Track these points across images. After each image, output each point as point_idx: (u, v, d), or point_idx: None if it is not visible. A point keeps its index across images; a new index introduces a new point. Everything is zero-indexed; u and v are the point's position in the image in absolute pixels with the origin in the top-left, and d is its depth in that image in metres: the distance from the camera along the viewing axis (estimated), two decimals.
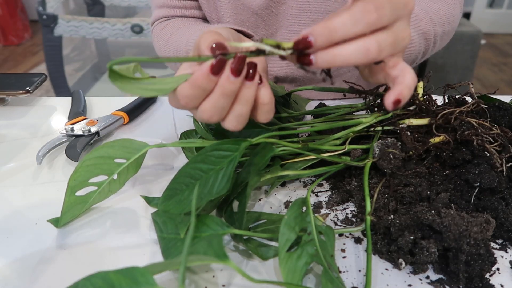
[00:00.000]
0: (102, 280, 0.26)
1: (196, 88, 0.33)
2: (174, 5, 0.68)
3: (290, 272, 0.34)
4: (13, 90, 0.66)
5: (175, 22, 0.67)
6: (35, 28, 3.45)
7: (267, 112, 0.38)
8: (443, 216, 0.37)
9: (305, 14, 0.65)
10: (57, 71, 2.10)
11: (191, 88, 0.33)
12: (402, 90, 0.33)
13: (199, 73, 0.33)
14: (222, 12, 0.65)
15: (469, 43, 2.10)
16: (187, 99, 0.34)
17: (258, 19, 0.65)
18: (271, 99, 0.37)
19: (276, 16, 0.66)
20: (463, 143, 0.45)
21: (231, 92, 0.34)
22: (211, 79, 0.33)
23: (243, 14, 0.65)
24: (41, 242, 0.41)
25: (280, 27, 0.67)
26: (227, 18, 0.65)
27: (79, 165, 0.41)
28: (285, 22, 0.66)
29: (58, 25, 1.99)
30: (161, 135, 0.60)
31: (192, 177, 0.40)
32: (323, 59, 0.31)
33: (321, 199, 0.46)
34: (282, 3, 0.65)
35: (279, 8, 0.65)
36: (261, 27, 0.67)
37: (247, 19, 0.65)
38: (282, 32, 0.68)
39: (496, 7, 3.53)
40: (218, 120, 0.36)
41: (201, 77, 0.33)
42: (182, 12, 0.69)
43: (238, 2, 0.64)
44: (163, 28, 0.67)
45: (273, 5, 0.64)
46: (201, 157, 0.40)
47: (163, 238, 0.40)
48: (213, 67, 0.33)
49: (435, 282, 0.36)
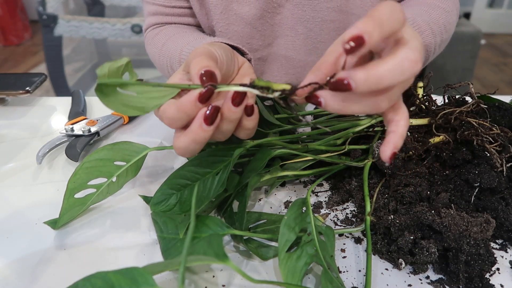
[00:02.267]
0: (102, 280, 0.26)
1: (182, 113, 0.33)
2: (167, 13, 0.67)
3: (290, 273, 0.34)
4: (13, 90, 0.66)
5: (168, 29, 0.65)
6: (35, 28, 3.45)
7: (248, 135, 0.39)
8: (443, 216, 0.37)
9: (302, 23, 0.64)
10: (57, 71, 2.10)
11: (176, 112, 0.33)
12: (397, 141, 0.32)
13: (186, 100, 0.33)
14: (214, 22, 0.63)
15: (469, 43, 2.10)
16: (171, 120, 0.34)
17: (252, 30, 0.64)
18: (254, 126, 0.38)
19: (272, 26, 0.65)
20: (463, 143, 0.45)
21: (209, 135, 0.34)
22: (198, 106, 0.33)
23: (236, 25, 0.63)
24: (41, 242, 0.41)
25: (276, 37, 0.66)
26: (219, 28, 0.63)
27: (79, 167, 0.41)
28: (282, 32, 0.65)
29: (58, 25, 1.99)
30: (161, 135, 0.60)
31: (188, 179, 0.40)
32: (333, 107, 0.30)
33: (321, 199, 0.46)
34: (277, 13, 0.63)
35: (274, 18, 0.64)
36: (256, 38, 0.65)
37: (241, 29, 0.64)
38: (279, 42, 0.66)
39: (496, 7, 3.53)
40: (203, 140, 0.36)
41: (189, 104, 0.33)
42: (175, 19, 0.68)
43: (230, 12, 0.62)
44: (156, 34, 0.65)
45: (267, 15, 0.63)
46: (197, 161, 0.40)
47: (163, 238, 0.40)
48: (201, 96, 0.33)
49: (435, 282, 0.36)
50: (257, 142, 0.42)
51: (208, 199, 0.39)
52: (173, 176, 0.41)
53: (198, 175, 0.40)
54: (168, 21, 0.67)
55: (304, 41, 0.66)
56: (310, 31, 0.65)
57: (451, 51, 2.10)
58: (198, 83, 0.33)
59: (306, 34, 0.65)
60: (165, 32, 0.64)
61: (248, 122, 0.37)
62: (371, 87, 0.28)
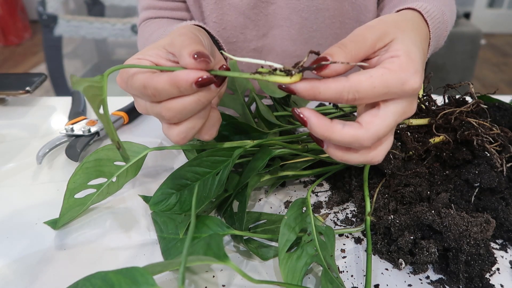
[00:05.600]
0: (102, 280, 0.26)
1: (174, 88, 0.32)
2: (160, 7, 0.66)
3: (290, 273, 0.34)
4: (13, 90, 0.66)
5: (160, 22, 0.65)
6: (35, 28, 3.45)
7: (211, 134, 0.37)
8: (443, 216, 0.37)
9: (297, 13, 0.64)
10: (57, 71, 2.10)
11: (169, 85, 0.32)
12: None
13: (183, 78, 0.31)
14: (207, 12, 0.63)
15: (469, 43, 2.10)
16: (157, 91, 0.32)
17: (246, 20, 0.64)
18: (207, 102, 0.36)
19: (266, 16, 0.64)
20: (463, 143, 0.45)
21: (208, 102, 0.33)
22: (193, 88, 0.32)
23: (230, 15, 0.63)
24: (41, 242, 0.41)
25: (271, 27, 0.66)
26: (213, 18, 0.63)
27: (79, 167, 0.41)
28: (276, 22, 0.65)
29: (58, 25, 1.99)
30: (161, 135, 0.60)
31: (188, 179, 0.40)
32: (317, 133, 0.31)
33: (321, 199, 0.46)
34: (271, 3, 0.63)
35: (269, 8, 0.64)
36: (250, 28, 0.65)
37: (234, 19, 0.63)
38: (274, 32, 0.66)
39: (496, 7, 3.53)
40: (176, 121, 0.34)
41: (185, 83, 0.31)
42: (169, 13, 0.67)
43: (224, 2, 0.62)
44: (147, 26, 0.64)
45: (261, 5, 0.63)
46: (197, 162, 0.40)
47: (163, 238, 0.40)
48: (199, 82, 0.31)
49: (435, 282, 0.36)
50: (257, 142, 0.42)
51: (208, 199, 0.39)
52: (173, 176, 0.41)
53: (198, 175, 0.40)
54: (161, 15, 0.67)
55: (299, 30, 0.65)
56: (305, 20, 0.64)
57: (451, 51, 2.10)
58: (190, 63, 0.32)
59: (301, 23, 0.65)
60: (156, 23, 0.64)
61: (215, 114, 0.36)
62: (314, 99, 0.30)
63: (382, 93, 0.30)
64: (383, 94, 0.30)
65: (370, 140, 0.30)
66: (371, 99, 0.30)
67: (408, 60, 0.30)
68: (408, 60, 0.30)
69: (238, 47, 0.67)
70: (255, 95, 0.50)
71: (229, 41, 0.65)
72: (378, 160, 0.33)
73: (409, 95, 0.31)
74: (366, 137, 0.30)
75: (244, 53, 0.67)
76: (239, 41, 0.66)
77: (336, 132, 0.30)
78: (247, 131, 0.46)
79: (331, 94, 0.30)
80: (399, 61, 0.30)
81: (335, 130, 0.30)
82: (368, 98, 0.30)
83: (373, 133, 0.30)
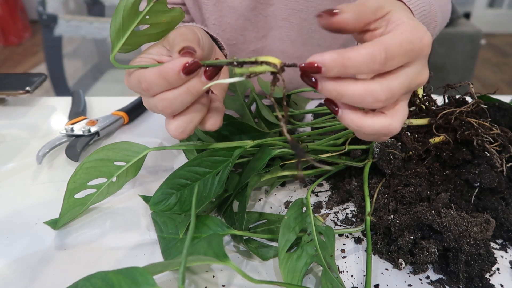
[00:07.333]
0: (102, 280, 0.26)
1: (163, 80, 0.33)
2: None
3: (290, 273, 0.34)
4: (13, 90, 0.66)
5: None
6: (35, 28, 3.45)
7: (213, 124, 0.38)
8: (443, 216, 0.37)
9: (296, 14, 0.64)
10: (57, 71, 2.10)
11: (158, 77, 0.33)
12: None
13: (170, 68, 0.32)
14: (207, 15, 0.63)
15: (469, 43, 2.10)
16: (149, 85, 0.33)
17: (245, 21, 0.64)
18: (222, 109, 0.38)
19: (265, 18, 0.64)
20: (463, 143, 0.45)
21: (197, 92, 0.34)
22: (181, 77, 0.33)
23: (229, 17, 0.63)
24: (41, 242, 0.41)
25: (270, 29, 0.66)
26: (213, 20, 0.63)
27: (79, 167, 0.41)
28: (275, 24, 0.65)
29: (58, 25, 1.99)
30: (161, 135, 0.60)
31: (188, 179, 0.40)
32: (328, 90, 0.30)
33: (321, 199, 0.46)
34: (270, 5, 0.63)
35: (267, 9, 0.64)
36: (250, 29, 0.65)
37: (234, 21, 0.63)
38: (273, 33, 0.66)
39: (496, 7, 3.53)
40: (170, 114, 0.35)
41: (172, 72, 0.32)
42: None
43: (223, 4, 0.62)
44: None
45: (260, 6, 0.63)
46: (196, 161, 0.40)
47: (163, 238, 0.40)
48: (186, 68, 0.32)
49: (435, 282, 0.36)
50: (257, 142, 0.42)
51: (208, 199, 0.39)
52: (173, 176, 0.40)
53: (198, 175, 0.40)
54: None
55: (298, 31, 0.65)
56: (304, 21, 0.64)
57: (451, 51, 2.10)
58: (177, 56, 0.33)
59: (300, 24, 0.65)
60: None
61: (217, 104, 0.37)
62: (340, 71, 0.28)
63: (408, 50, 0.30)
64: (409, 51, 0.30)
65: (384, 93, 0.29)
66: (399, 58, 0.30)
67: (414, 23, 0.31)
68: (414, 22, 0.31)
69: (238, 49, 0.67)
70: (255, 95, 0.50)
71: (229, 43, 0.66)
72: (395, 127, 0.31)
73: (426, 53, 0.31)
74: (379, 88, 0.29)
75: (244, 54, 0.67)
76: (239, 43, 0.66)
77: (351, 83, 0.29)
78: (247, 131, 0.46)
79: (363, 56, 0.28)
80: (408, 24, 0.31)
81: (350, 81, 0.29)
82: (397, 56, 0.29)
83: (386, 86, 0.30)
